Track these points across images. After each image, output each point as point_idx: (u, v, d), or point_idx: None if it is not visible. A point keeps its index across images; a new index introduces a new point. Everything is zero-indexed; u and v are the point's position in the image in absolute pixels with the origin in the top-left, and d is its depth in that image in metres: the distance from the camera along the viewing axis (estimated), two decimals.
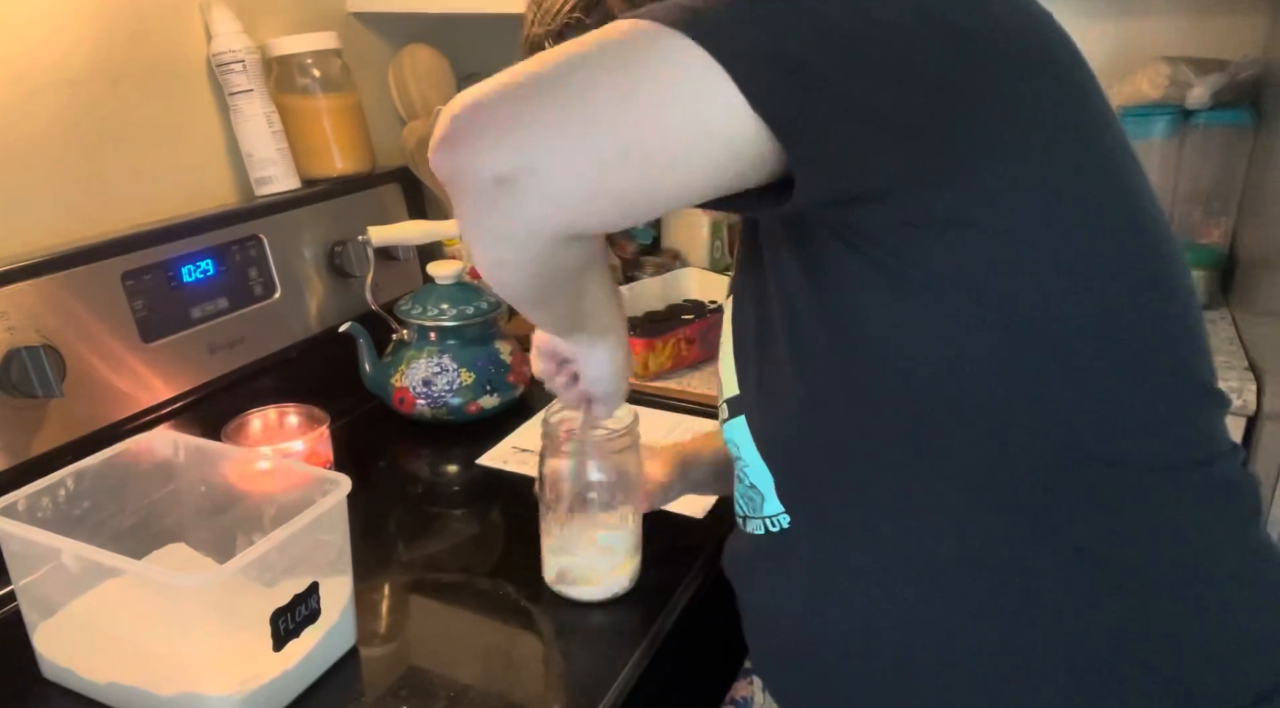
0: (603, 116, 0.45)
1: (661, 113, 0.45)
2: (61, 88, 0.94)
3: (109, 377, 0.93)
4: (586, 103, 0.45)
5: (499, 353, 1.16)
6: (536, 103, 0.45)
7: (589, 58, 0.46)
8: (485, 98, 0.46)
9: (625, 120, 0.45)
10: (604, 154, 0.45)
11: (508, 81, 0.46)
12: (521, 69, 0.46)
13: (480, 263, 0.52)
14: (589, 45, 0.46)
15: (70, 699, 0.72)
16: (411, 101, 1.34)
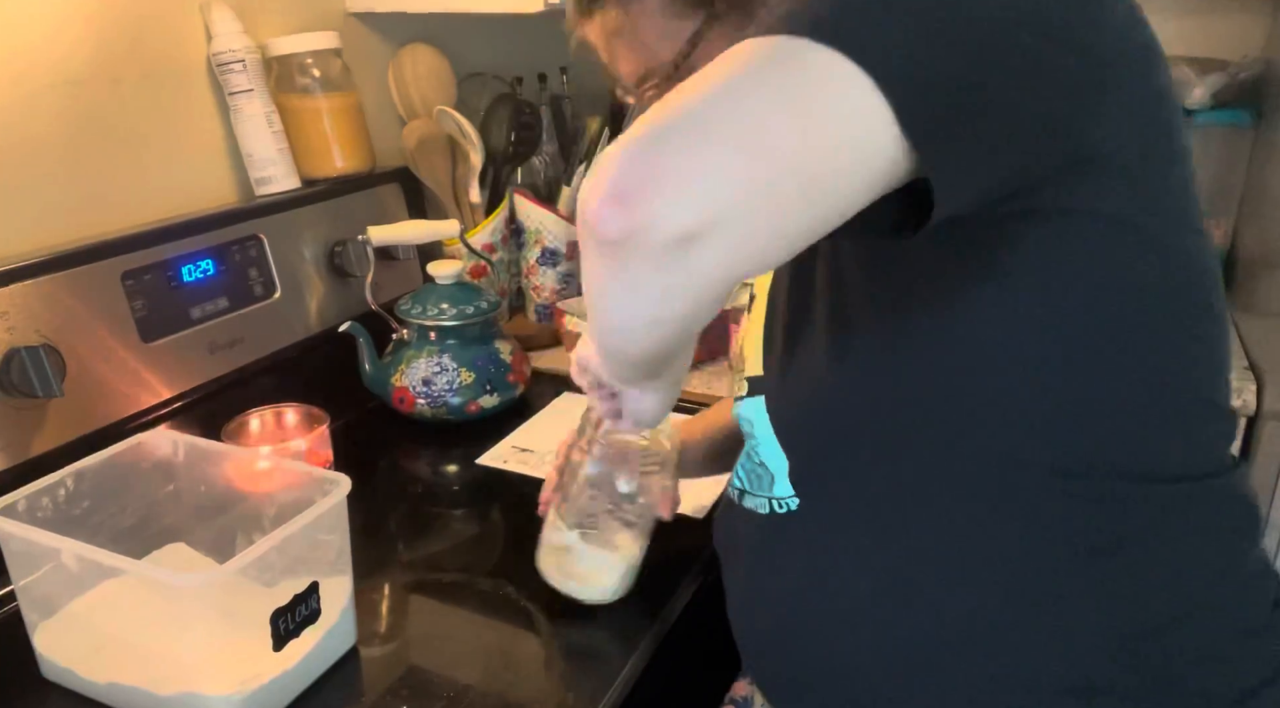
0: (781, 154, 0.42)
1: (830, 141, 0.43)
2: (61, 88, 0.94)
3: (109, 377, 0.93)
4: (763, 141, 0.42)
5: (499, 353, 1.16)
6: (712, 146, 0.42)
7: (749, 87, 0.43)
8: (653, 144, 0.42)
9: (802, 155, 0.42)
10: (785, 194, 0.42)
11: (669, 122, 0.42)
12: (677, 105, 0.43)
13: (620, 326, 0.50)
14: (742, 70, 0.43)
15: (70, 699, 0.72)
16: (411, 101, 1.34)
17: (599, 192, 0.43)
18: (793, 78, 0.43)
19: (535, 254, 1.40)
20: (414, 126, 1.30)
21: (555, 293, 1.42)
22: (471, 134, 1.30)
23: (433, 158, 1.31)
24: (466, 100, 1.43)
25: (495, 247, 1.36)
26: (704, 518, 0.94)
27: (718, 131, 0.42)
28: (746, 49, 0.44)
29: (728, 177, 0.42)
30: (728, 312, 1.31)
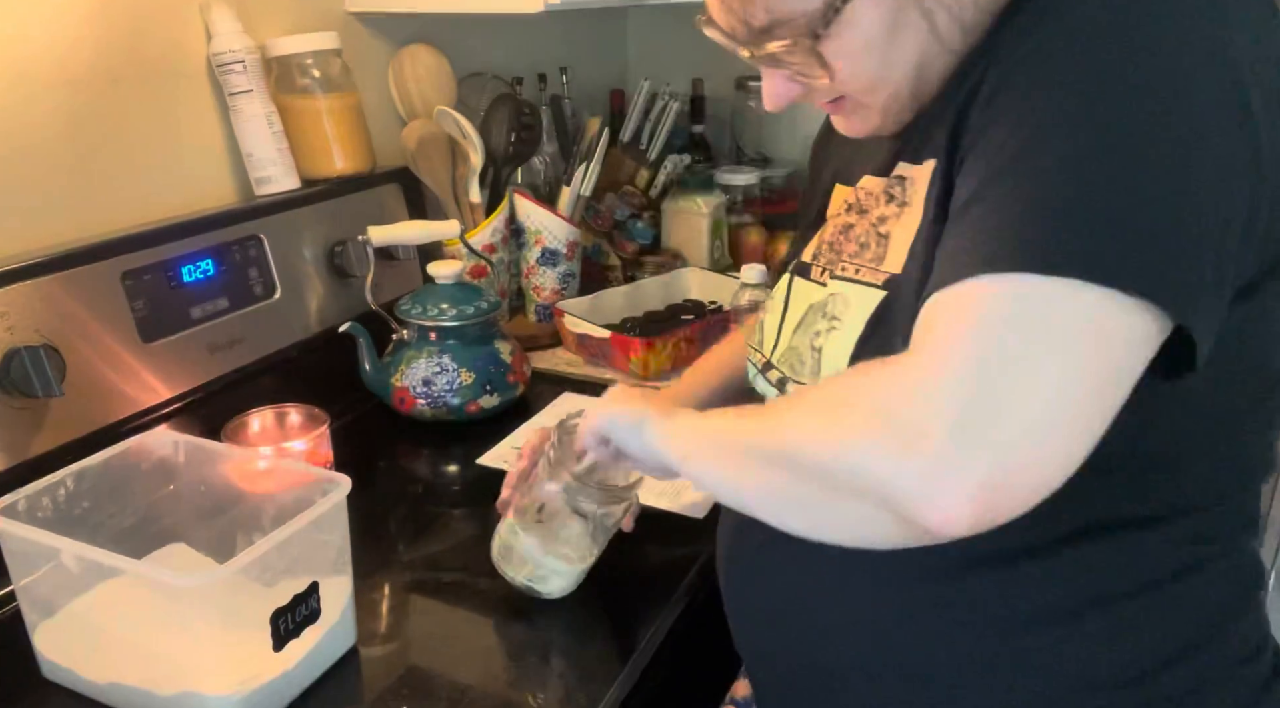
0: (1089, 411, 0.45)
1: (1119, 366, 0.46)
2: (61, 88, 0.94)
3: (109, 377, 0.93)
4: (1080, 412, 0.45)
5: (499, 353, 1.16)
6: (1039, 443, 0.44)
7: (1052, 357, 0.45)
8: (984, 454, 0.44)
9: (1101, 406, 0.46)
10: (1095, 430, 0.46)
11: (987, 427, 0.44)
12: (977, 395, 0.44)
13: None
14: (1030, 337, 0.45)
15: (70, 699, 0.72)
16: (411, 101, 1.34)
17: (948, 503, 0.44)
18: (1070, 334, 0.45)
19: (535, 254, 1.40)
20: (414, 126, 1.30)
21: (555, 293, 1.42)
22: (471, 134, 1.30)
23: (433, 158, 1.31)
24: (466, 100, 1.43)
25: (495, 247, 1.36)
26: (704, 518, 0.94)
27: (1038, 424, 0.44)
28: (1018, 301, 0.45)
29: (1062, 462, 0.45)
30: (729, 312, 1.31)
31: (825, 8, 0.57)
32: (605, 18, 1.87)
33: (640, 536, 0.88)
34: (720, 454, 0.60)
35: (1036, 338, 0.44)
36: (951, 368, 0.45)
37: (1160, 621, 0.60)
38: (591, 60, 1.81)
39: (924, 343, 0.47)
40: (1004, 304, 0.46)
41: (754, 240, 1.67)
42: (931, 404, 0.44)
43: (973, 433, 0.43)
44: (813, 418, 0.51)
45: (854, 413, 0.48)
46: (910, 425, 0.44)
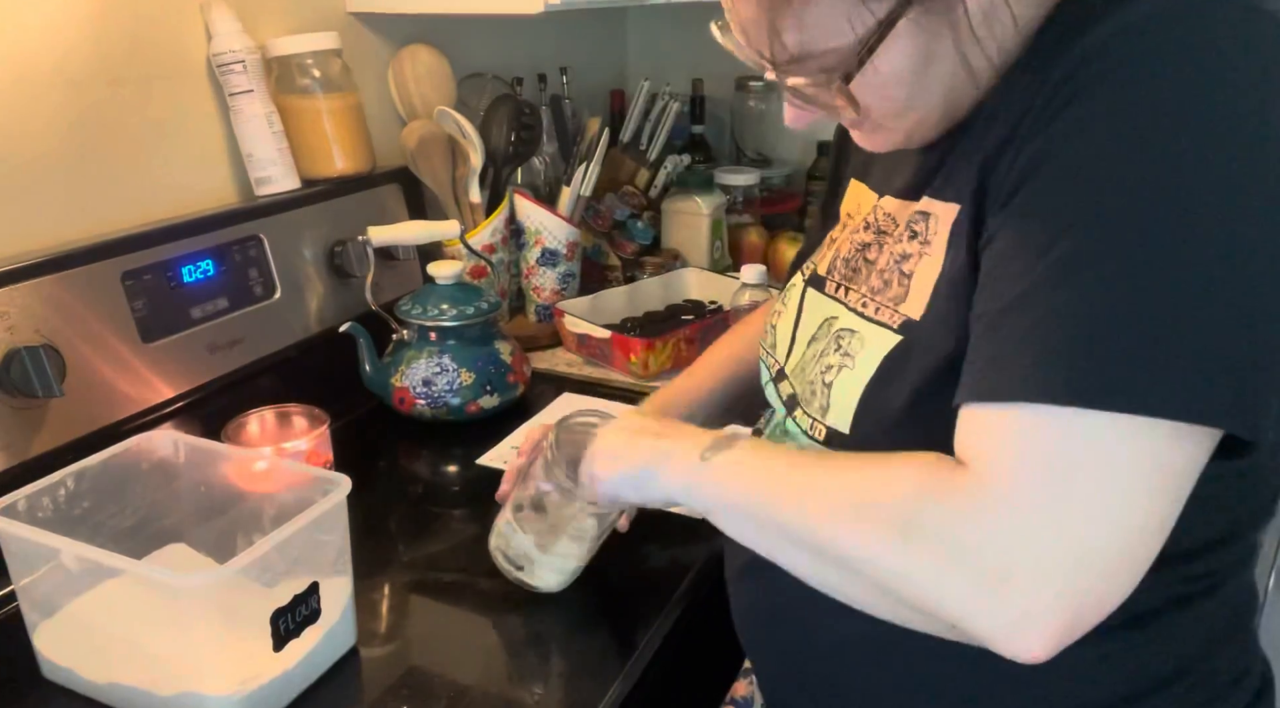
0: (1154, 544, 0.46)
1: (1180, 498, 0.47)
2: (61, 88, 0.94)
3: (109, 377, 0.93)
4: (1148, 545, 0.46)
5: (499, 353, 1.16)
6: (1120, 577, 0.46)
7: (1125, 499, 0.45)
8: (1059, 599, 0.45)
9: (1166, 529, 0.47)
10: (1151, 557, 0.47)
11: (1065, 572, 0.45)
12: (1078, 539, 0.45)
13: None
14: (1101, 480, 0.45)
15: (70, 699, 0.72)
16: (411, 101, 1.34)
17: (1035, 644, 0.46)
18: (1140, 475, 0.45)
19: (535, 255, 1.40)
20: (414, 126, 1.30)
21: (555, 293, 1.42)
22: (471, 134, 1.30)
23: (433, 158, 1.31)
24: (466, 100, 1.43)
25: (495, 247, 1.36)
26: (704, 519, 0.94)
27: (1113, 565, 0.45)
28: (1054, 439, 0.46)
29: (1131, 587, 0.47)
30: (729, 312, 1.31)
31: (858, 46, 0.54)
32: (605, 18, 1.87)
33: (640, 535, 0.88)
34: (753, 525, 0.59)
35: (1107, 479, 0.45)
36: (1028, 509, 0.45)
37: (1147, 651, 0.60)
38: (591, 60, 1.81)
39: (988, 473, 0.47)
40: (1069, 441, 0.45)
41: (754, 240, 1.67)
42: (1011, 550, 0.45)
43: (1053, 582, 0.44)
44: (874, 529, 0.50)
45: (923, 540, 0.47)
46: (989, 569, 0.45)
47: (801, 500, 0.54)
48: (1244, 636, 0.66)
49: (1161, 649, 0.60)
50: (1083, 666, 0.60)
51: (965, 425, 0.50)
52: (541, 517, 0.80)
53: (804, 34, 0.54)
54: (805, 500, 0.54)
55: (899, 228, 0.64)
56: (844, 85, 0.55)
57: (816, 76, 0.56)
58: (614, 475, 0.70)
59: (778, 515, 0.56)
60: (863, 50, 0.54)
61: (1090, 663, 0.59)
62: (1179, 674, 0.61)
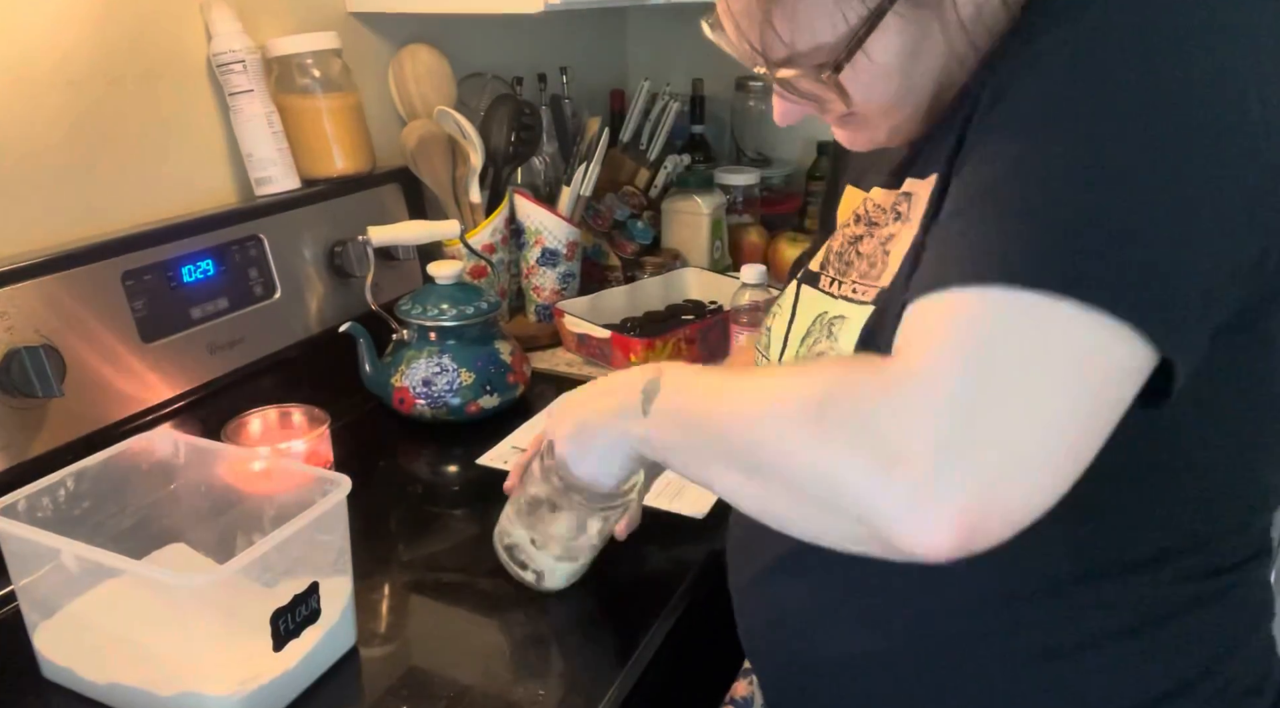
0: (1073, 446, 0.43)
1: (1104, 402, 0.44)
2: (61, 88, 0.94)
3: (109, 377, 0.93)
4: (1064, 439, 0.43)
5: (499, 353, 1.16)
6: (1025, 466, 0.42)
7: (1043, 384, 0.42)
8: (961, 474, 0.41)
9: (1089, 436, 0.44)
10: (1082, 459, 0.44)
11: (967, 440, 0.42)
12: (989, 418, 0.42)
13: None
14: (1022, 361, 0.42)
15: (70, 699, 0.72)
16: (411, 101, 1.34)
17: (931, 530, 0.42)
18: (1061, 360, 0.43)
19: (535, 254, 1.40)
20: (414, 126, 1.30)
21: (555, 293, 1.42)
22: (471, 134, 1.30)
23: (433, 158, 1.31)
24: (466, 100, 1.43)
25: (495, 247, 1.36)
26: (704, 518, 0.94)
27: (1025, 453, 0.42)
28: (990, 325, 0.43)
29: (1047, 492, 0.43)
30: (728, 312, 1.31)
31: (848, 38, 0.55)
32: (605, 18, 1.87)
33: (640, 535, 0.88)
34: (698, 457, 0.57)
35: (1028, 363, 0.42)
36: (940, 388, 0.42)
37: (1163, 655, 0.60)
38: (591, 60, 1.81)
39: (911, 355, 0.45)
40: (993, 322, 0.43)
41: (754, 240, 1.67)
42: (918, 426, 0.42)
43: (958, 460, 0.41)
44: (787, 421, 0.47)
45: (836, 424, 0.45)
46: (895, 446, 0.42)
47: (731, 413, 0.52)
48: (1262, 640, 0.65)
49: (1177, 655, 0.60)
50: (1097, 673, 0.59)
51: (901, 325, 0.48)
52: (542, 513, 0.80)
53: (795, 25, 0.55)
54: (734, 412, 0.52)
55: (886, 214, 0.65)
56: (835, 77, 0.56)
57: (808, 69, 0.57)
58: (584, 457, 0.69)
59: (712, 440, 0.54)
60: (853, 41, 0.55)
61: (1104, 671, 0.59)
62: (1197, 680, 0.60)
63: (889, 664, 0.64)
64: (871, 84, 0.57)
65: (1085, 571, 0.59)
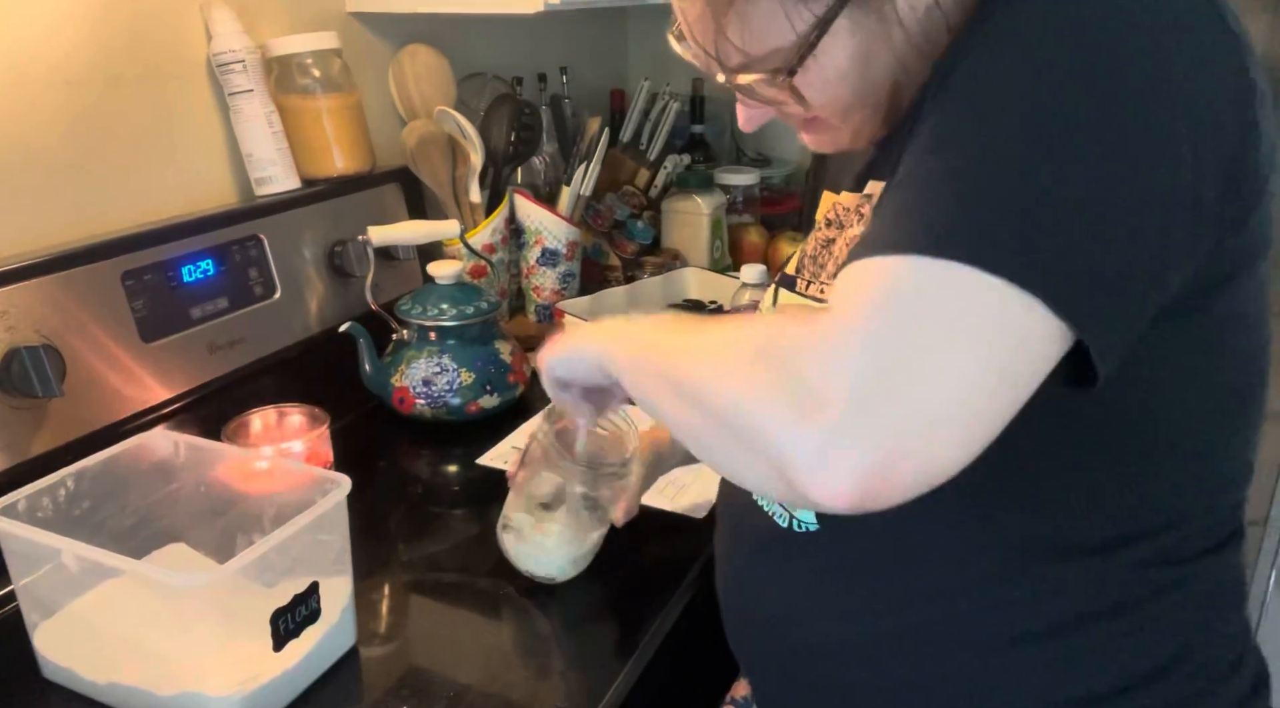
0: (982, 410, 0.44)
1: (1015, 371, 0.44)
2: (61, 88, 0.94)
3: (109, 377, 0.93)
4: (976, 403, 0.43)
5: (499, 353, 1.16)
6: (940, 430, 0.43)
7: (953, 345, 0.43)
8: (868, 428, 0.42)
9: (998, 403, 0.44)
10: (993, 426, 0.44)
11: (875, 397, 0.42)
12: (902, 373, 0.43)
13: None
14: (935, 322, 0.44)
15: (70, 699, 0.72)
16: (411, 101, 1.34)
17: (835, 478, 0.43)
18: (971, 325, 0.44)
19: (535, 254, 1.40)
20: (414, 126, 1.30)
21: (555, 293, 1.42)
22: (471, 134, 1.30)
23: (433, 158, 1.31)
24: (466, 100, 1.43)
25: (495, 247, 1.36)
26: (704, 518, 0.94)
27: (933, 411, 0.43)
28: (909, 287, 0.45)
29: (953, 455, 0.44)
30: (729, 312, 1.31)
31: (800, 44, 0.56)
32: (605, 18, 1.87)
33: (640, 535, 0.88)
34: (646, 378, 0.58)
35: (941, 324, 0.43)
36: (859, 340, 0.43)
37: (1133, 641, 0.61)
38: (591, 60, 1.81)
39: (836, 309, 0.46)
40: (912, 285, 0.45)
41: (754, 240, 1.67)
42: (835, 373, 0.43)
43: (870, 410, 0.42)
44: (724, 359, 0.49)
45: (761, 364, 0.46)
46: (812, 391, 0.43)
47: (685, 349, 0.53)
48: (1234, 624, 0.66)
49: (1148, 640, 0.61)
50: (1070, 658, 0.60)
51: (835, 284, 0.50)
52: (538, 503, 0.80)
53: (747, 33, 0.58)
54: (683, 346, 0.53)
55: (851, 215, 0.67)
56: (789, 81, 0.58)
57: (764, 74, 0.59)
58: (551, 358, 0.69)
59: (666, 367, 0.55)
60: (804, 47, 0.56)
61: (1077, 655, 0.60)
62: (1169, 664, 0.61)
63: (866, 652, 0.65)
64: (826, 87, 0.59)
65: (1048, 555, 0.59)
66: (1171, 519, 0.60)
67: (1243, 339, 0.59)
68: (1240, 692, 0.65)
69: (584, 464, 0.78)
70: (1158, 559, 0.60)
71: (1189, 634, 0.62)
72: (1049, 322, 0.44)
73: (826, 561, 0.66)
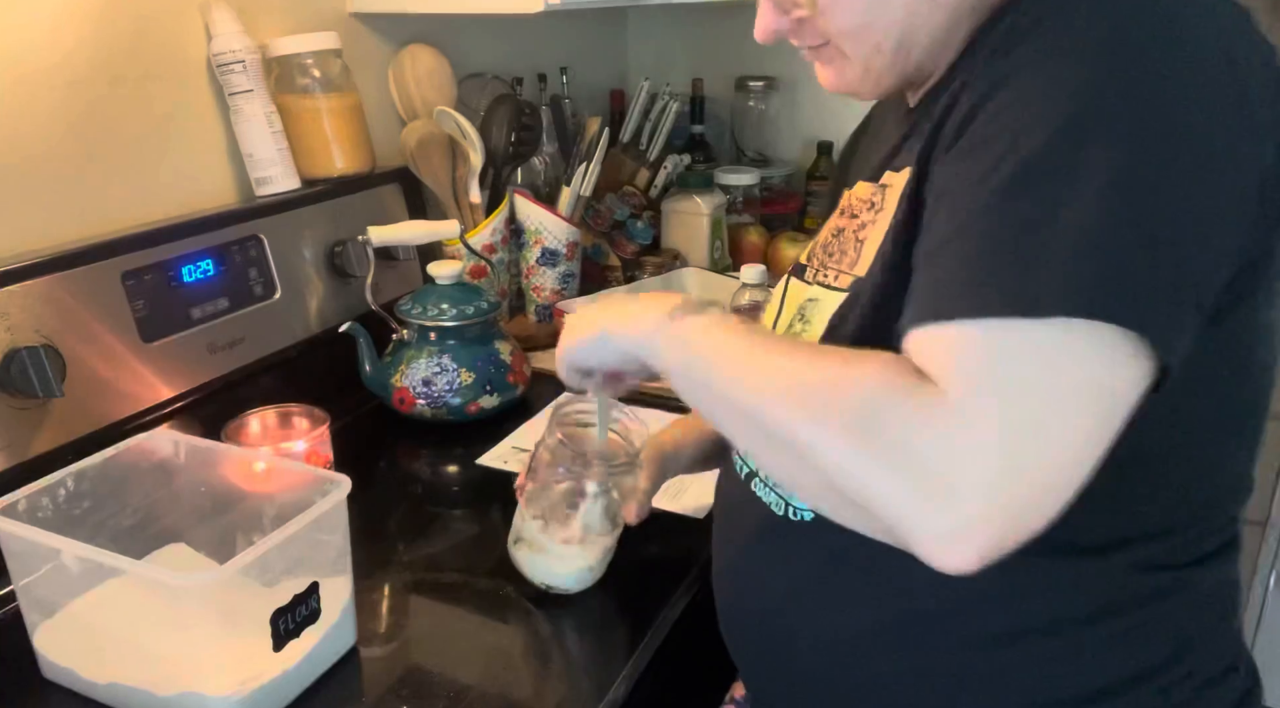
0: (1089, 464, 0.46)
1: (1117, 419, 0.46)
2: (61, 88, 0.94)
3: (109, 377, 0.93)
4: (1083, 465, 0.46)
5: (499, 353, 1.16)
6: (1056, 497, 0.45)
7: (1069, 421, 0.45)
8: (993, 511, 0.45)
9: (1101, 450, 0.46)
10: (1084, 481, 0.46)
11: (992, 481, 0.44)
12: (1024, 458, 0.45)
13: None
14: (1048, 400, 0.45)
15: (70, 699, 0.72)
16: (411, 101, 1.34)
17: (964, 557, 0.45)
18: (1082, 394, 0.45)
19: (535, 254, 1.40)
20: (414, 127, 1.30)
21: (555, 293, 1.42)
22: (471, 134, 1.30)
23: (433, 158, 1.31)
24: (466, 100, 1.43)
25: (495, 247, 1.36)
26: (704, 518, 0.94)
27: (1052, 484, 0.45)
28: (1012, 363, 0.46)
29: (1062, 508, 0.46)
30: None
31: None
32: (605, 18, 1.87)
33: (640, 536, 0.88)
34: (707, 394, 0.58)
35: (1053, 398, 0.45)
36: (979, 428, 0.45)
37: (1122, 644, 0.61)
38: (591, 60, 1.81)
39: (944, 385, 0.47)
40: (1013, 356, 0.46)
41: (754, 240, 1.67)
42: (960, 462, 0.45)
43: (1001, 497, 0.44)
44: (830, 420, 0.49)
45: (877, 439, 0.47)
46: (934, 477, 0.45)
47: (762, 376, 0.53)
48: (1227, 631, 0.66)
49: (1137, 644, 0.61)
50: (1059, 658, 0.60)
51: (913, 347, 0.50)
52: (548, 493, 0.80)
53: None
54: (766, 377, 0.53)
55: (864, 205, 0.67)
56: None
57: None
58: (572, 345, 0.68)
59: (735, 386, 0.54)
60: None
61: (1066, 655, 0.60)
62: (1160, 667, 0.61)
63: (856, 642, 0.65)
64: None
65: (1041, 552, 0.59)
66: (1168, 525, 0.60)
67: (1262, 353, 0.59)
68: (1231, 698, 0.65)
69: (598, 460, 0.78)
70: (1151, 564, 0.60)
71: (1179, 641, 0.62)
72: (1144, 359, 0.46)
73: (821, 549, 0.66)
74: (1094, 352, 0.45)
